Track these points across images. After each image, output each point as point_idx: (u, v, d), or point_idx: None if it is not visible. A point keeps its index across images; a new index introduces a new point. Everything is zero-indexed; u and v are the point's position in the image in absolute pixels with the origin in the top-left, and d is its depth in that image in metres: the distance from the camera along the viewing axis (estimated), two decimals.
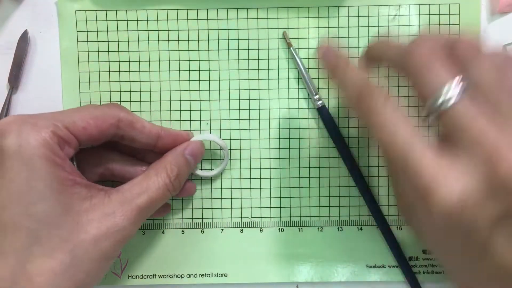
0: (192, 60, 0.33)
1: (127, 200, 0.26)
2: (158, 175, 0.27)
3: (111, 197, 0.25)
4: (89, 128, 0.26)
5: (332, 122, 0.32)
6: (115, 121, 0.27)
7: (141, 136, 0.28)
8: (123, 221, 0.25)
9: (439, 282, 0.33)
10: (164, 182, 0.27)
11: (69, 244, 0.24)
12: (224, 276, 0.33)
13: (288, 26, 0.33)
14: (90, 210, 0.25)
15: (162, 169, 0.28)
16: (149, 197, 0.26)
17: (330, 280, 0.33)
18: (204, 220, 0.33)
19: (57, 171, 0.24)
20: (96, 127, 0.26)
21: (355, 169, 0.32)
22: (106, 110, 0.27)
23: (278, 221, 0.33)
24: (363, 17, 0.33)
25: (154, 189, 0.27)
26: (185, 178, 0.29)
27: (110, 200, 0.25)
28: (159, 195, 0.27)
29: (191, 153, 0.30)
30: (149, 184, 0.27)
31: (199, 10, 0.33)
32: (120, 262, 0.33)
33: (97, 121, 0.26)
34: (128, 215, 0.25)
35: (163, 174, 0.27)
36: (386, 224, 0.32)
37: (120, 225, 0.25)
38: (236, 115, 0.33)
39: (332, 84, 0.33)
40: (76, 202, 0.24)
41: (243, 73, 0.33)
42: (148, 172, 0.27)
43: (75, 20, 0.32)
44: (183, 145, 0.30)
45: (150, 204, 0.26)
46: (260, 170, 0.33)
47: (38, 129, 0.24)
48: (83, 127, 0.26)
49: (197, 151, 0.30)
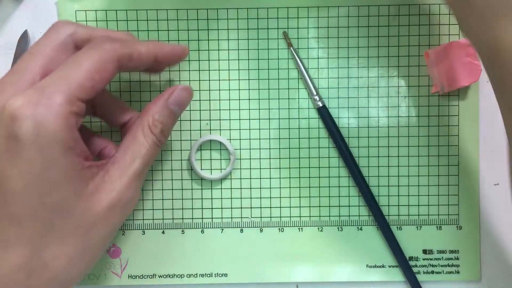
0: (192, 60, 0.33)
1: (124, 171, 0.25)
2: (144, 135, 0.26)
3: (110, 173, 0.25)
4: (97, 85, 0.24)
5: (332, 122, 0.32)
6: (115, 63, 0.25)
7: (139, 64, 0.27)
8: (127, 194, 0.25)
9: (439, 282, 0.33)
10: (152, 141, 0.26)
11: (81, 229, 0.24)
12: (224, 276, 0.33)
13: (288, 26, 0.33)
14: (95, 192, 0.24)
15: (147, 127, 0.26)
16: (143, 161, 0.26)
17: (330, 280, 0.33)
18: (204, 220, 0.33)
19: (71, 156, 0.23)
20: (102, 79, 0.24)
21: (355, 169, 0.32)
22: (103, 54, 0.25)
23: (278, 221, 0.33)
24: (363, 17, 0.33)
25: (145, 151, 0.26)
26: (171, 129, 0.28)
27: (110, 176, 0.25)
28: (150, 155, 0.26)
29: (176, 101, 0.27)
30: (139, 148, 0.26)
31: (199, 10, 0.33)
32: (120, 262, 0.33)
33: (100, 72, 0.24)
34: (129, 185, 0.25)
35: (148, 132, 0.26)
36: (386, 224, 0.32)
37: (125, 199, 0.25)
38: (236, 115, 0.33)
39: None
40: (84, 185, 0.24)
41: (243, 73, 0.33)
42: (135, 133, 0.26)
43: (75, 20, 0.32)
44: (167, 93, 0.28)
45: (145, 166, 0.26)
46: (260, 170, 0.33)
47: (55, 111, 0.22)
48: (91, 87, 0.24)
49: (183, 99, 0.28)
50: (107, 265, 0.33)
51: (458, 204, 0.33)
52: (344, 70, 0.33)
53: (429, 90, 0.33)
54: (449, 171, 0.33)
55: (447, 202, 0.33)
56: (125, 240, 0.33)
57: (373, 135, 0.33)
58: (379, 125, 0.33)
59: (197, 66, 0.33)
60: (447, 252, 0.33)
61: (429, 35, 0.33)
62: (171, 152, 0.33)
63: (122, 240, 0.33)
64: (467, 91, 0.33)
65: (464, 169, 0.33)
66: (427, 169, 0.33)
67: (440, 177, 0.33)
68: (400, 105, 0.33)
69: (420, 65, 0.33)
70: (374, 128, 0.33)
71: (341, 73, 0.33)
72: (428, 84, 0.33)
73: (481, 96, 0.33)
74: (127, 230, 0.33)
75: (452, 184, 0.33)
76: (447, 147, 0.33)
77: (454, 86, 0.31)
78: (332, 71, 0.33)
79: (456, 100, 0.33)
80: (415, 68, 0.33)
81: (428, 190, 0.33)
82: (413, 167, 0.33)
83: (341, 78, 0.33)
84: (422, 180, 0.33)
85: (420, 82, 0.33)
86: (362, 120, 0.33)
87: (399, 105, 0.33)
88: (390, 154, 0.33)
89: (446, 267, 0.33)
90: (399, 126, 0.33)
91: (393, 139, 0.33)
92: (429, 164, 0.33)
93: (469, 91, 0.33)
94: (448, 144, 0.33)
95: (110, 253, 0.33)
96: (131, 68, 0.26)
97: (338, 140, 0.32)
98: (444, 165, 0.33)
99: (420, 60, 0.33)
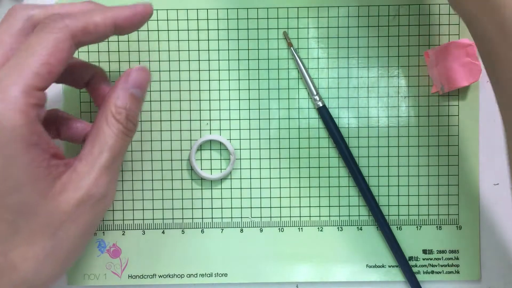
0: (192, 60, 0.33)
1: (91, 166, 0.24)
2: (109, 125, 0.24)
3: (77, 170, 0.24)
4: (54, 69, 0.23)
5: (332, 122, 0.32)
6: (70, 41, 0.23)
7: (98, 36, 0.24)
8: (97, 189, 0.24)
9: (439, 282, 0.33)
10: (117, 130, 0.25)
11: (49, 229, 0.23)
12: (224, 276, 0.33)
13: (288, 26, 0.33)
14: (63, 190, 0.23)
15: (110, 116, 0.25)
16: (111, 153, 0.24)
17: (330, 280, 0.33)
18: (204, 220, 0.33)
19: (34, 153, 0.22)
20: (58, 61, 0.23)
21: (355, 169, 0.32)
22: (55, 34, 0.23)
23: (278, 221, 0.33)
24: (363, 17, 0.33)
25: (112, 142, 0.24)
26: (137, 114, 0.26)
27: (77, 173, 0.24)
28: (119, 145, 0.25)
29: (135, 84, 0.25)
30: (105, 139, 0.24)
31: (199, 10, 0.33)
32: (120, 262, 0.33)
33: (55, 55, 0.23)
34: (98, 180, 0.24)
35: (113, 121, 0.24)
36: (386, 224, 0.32)
37: (96, 195, 0.24)
38: (236, 115, 0.33)
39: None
40: (50, 184, 0.23)
41: (243, 73, 0.33)
42: (99, 124, 0.25)
43: None
44: (123, 77, 0.25)
45: (115, 158, 0.25)
46: (260, 170, 0.33)
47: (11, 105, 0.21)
48: (48, 72, 0.22)
49: (141, 79, 0.26)
50: (107, 265, 0.33)
51: (458, 204, 0.33)
52: (344, 70, 0.33)
53: (429, 90, 0.33)
54: (449, 171, 0.33)
55: (447, 202, 0.33)
56: (125, 240, 0.33)
57: (373, 135, 0.33)
58: (379, 125, 0.33)
59: (197, 66, 0.33)
60: (447, 252, 0.33)
61: (429, 35, 0.33)
62: (171, 152, 0.33)
63: (122, 240, 0.33)
64: (467, 91, 0.33)
65: (464, 169, 0.33)
66: (427, 169, 0.33)
67: (440, 177, 0.33)
68: (400, 105, 0.33)
69: (420, 65, 0.33)
70: (374, 128, 0.33)
71: (341, 73, 0.33)
72: (428, 84, 0.33)
73: (481, 96, 0.33)
74: (127, 230, 0.33)
75: (452, 184, 0.33)
76: (447, 147, 0.33)
77: (454, 86, 0.31)
78: (332, 71, 0.33)
79: (456, 100, 0.33)
80: (415, 68, 0.33)
81: (428, 190, 0.33)
82: (413, 167, 0.33)
83: (341, 78, 0.33)
84: (422, 180, 0.33)
85: (420, 82, 0.33)
86: (362, 120, 0.33)
87: (399, 105, 0.33)
88: (390, 154, 0.33)
89: (446, 267, 0.33)
90: (399, 126, 0.33)
91: (393, 139, 0.33)
92: (429, 164, 0.33)
93: (469, 91, 0.33)
94: (448, 144, 0.33)
95: (110, 253, 0.33)
96: (91, 41, 0.24)
97: (338, 140, 0.32)
98: (444, 165, 0.33)
99: (420, 60, 0.33)
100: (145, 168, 0.33)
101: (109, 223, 0.33)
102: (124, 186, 0.33)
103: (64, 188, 0.23)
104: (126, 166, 0.33)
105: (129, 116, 0.25)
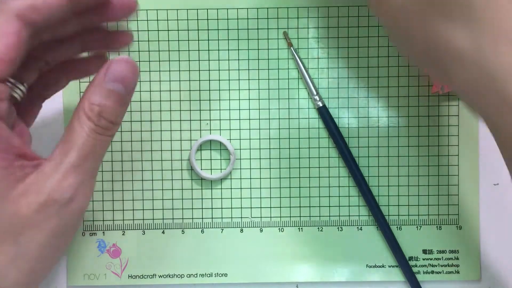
0: (192, 60, 0.33)
1: (58, 167, 0.21)
2: (80, 123, 0.22)
3: (44, 171, 0.21)
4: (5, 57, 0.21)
5: (332, 122, 0.32)
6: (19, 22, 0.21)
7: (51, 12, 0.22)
8: (61, 193, 0.21)
9: (439, 282, 0.33)
10: (88, 128, 0.22)
11: (11, 235, 0.21)
12: (224, 276, 0.33)
13: (288, 26, 0.33)
14: (25, 193, 0.21)
15: (82, 112, 0.22)
16: (78, 153, 0.22)
17: (330, 280, 0.33)
18: (204, 220, 0.33)
19: None
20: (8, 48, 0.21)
21: (355, 169, 0.32)
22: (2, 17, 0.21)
23: (278, 221, 0.33)
24: (363, 17, 0.33)
25: (81, 141, 0.22)
26: (117, 110, 0.23)
27: (44, 174, 0.21)
28: (90, 145, 0.22)
29: (113, 78, 0.22)
30: (74, 138, 0.22)
31: (199, 10, 0.33)
32: (120, 262, 0.33)
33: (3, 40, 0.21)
34: (63, 183, 0.21)
35: (84, 119, 0.22)
36: (386, 224, 0.32)
37: (60, 199, 0.21)
38: (236, 115, 0.33)
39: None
40: (11, 186, 0.21)
41: (243, 73, 0.33)
42: (71, 122, 0.22)
43: None
44: (102, 70, 0.22)
45: (84, 158, 0.22)
46: (260, 170, 0.33)
47: None
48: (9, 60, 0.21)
49: (121, 72, 0.22)
50: (107, 265, 0.33)
51: (458, 204, 0.33)
52: (344, 70, 0.33)
53: (429, 90, 0.33)
54: (449, 171, 0.33)
55: (447, 202, 0.33)
56: (125, 240, 0.33)
57: (373, 135, 0.33)
58: (379, 125, 0.33)
59: (197, 66, 0.33)
60: (447, 252, 0.33)
61: None
62: (171, 152, 0.33)
63: (122, 240, 0.33)
64: None
65: (464, 169, 0.33)
66: (427, 169, 0.33)
67: (440, 177, 0.33)
68: (400, 105, 0.33)
69: None
70: (374, 128, 0.33)
71: (341, 73, 0.33)
72: (428, 84, 0.33)
73: None
74: (127, 230, 0.33)
75: (452, 184, 0.33)
76: (447, 147, 0.33)
77: None
78: (332, 71, 0.33)
79: (456, 100, 0.33)
80: (415, 68, 0.33)
81: (428, 190, 0.33)
82: (413, 167, 0.33)
83: (341, 78, 0.33)
84: (422, 180, 0.33)
85: (420, 82, 0.33)
86: (362, 120, 0.33)
87: (399, 105, 0.33)
88: (390, 154, 0.33)
89: (446, 267, 0.33)
90: (399, 126, 0.33)
91: (393, 139, 0.33)
92: (429, 164, 0.33)
93: None
94: (448, 144, 0.33)
95: (110, 253, 0.33)
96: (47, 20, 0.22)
97: (338, 140, 0.32)
98: (444, 165, 0.33)
99: None
100: (145, 168, 0.33)
101: (109, 223, 0.33)
102: (124, 186, 0.33)
103: (27, 190, 0.21)
104: (126, 166, 0.33)
105: (103, 113, 0.22)
